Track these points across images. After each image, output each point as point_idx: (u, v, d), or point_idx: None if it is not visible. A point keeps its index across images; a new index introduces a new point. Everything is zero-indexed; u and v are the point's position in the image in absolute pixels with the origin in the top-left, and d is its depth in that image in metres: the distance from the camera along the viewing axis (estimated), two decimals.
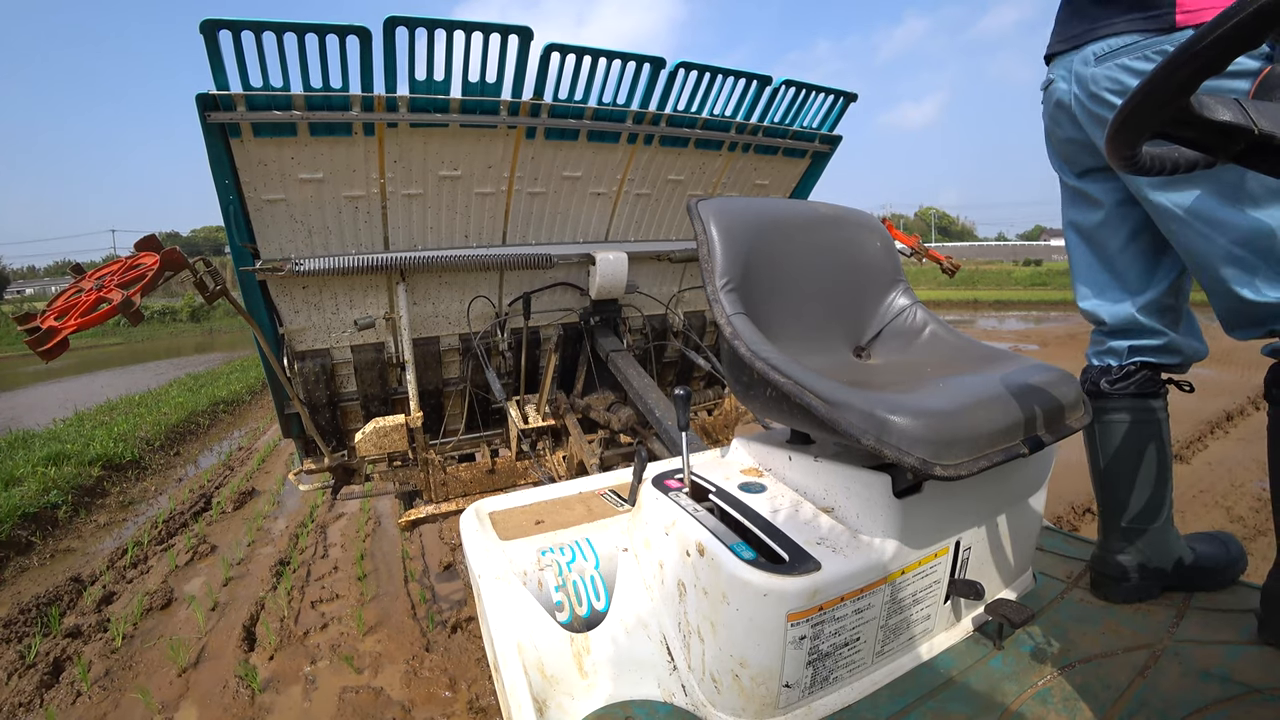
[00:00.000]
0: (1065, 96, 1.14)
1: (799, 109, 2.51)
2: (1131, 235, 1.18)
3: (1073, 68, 1.12)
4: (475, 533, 1.20)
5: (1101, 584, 1.24)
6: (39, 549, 4.08)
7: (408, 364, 2.29)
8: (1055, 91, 1.16)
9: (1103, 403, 1.23)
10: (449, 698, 2.33)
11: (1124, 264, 1.20)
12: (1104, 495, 1.27)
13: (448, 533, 3.78)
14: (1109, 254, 1.22)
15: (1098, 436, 1.26)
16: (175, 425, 7.13)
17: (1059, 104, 1.16)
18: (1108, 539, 1.26)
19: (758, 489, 1.09)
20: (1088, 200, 1.22)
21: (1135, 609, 1.18)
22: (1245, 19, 0.45)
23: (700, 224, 1.15)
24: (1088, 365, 1.30)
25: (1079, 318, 8.65)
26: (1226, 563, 1.24)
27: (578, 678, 1.00)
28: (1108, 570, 1.23)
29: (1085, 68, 1.09)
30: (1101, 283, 1.24)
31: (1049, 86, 1.19)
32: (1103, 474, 1.27)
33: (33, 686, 2.52)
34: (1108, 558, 1.24)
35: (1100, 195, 1.19)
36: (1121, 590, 1.21)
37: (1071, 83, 1.12)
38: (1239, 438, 4.65)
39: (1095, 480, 1.29)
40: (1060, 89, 1.15)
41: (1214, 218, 1.00)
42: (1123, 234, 1.19)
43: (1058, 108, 1.17)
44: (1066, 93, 1.14)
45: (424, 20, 1.72)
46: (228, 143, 1.77)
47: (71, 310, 1.27)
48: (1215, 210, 1.00)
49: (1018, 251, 49.12)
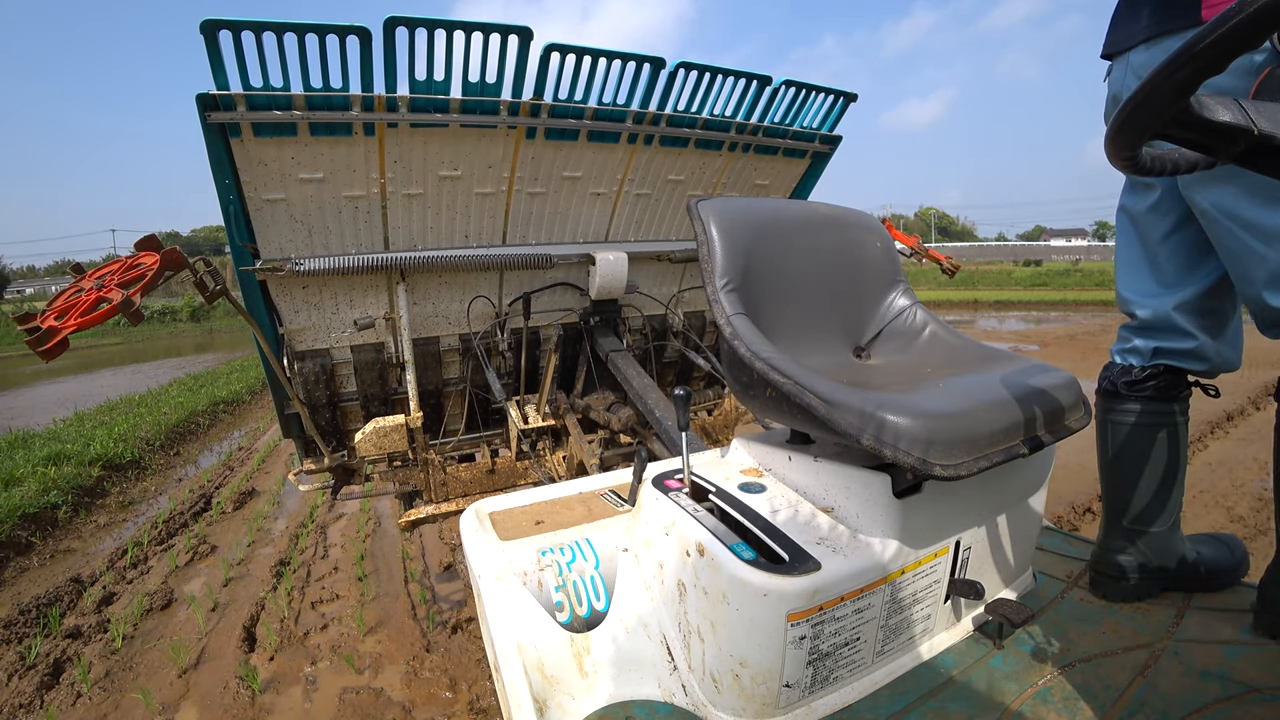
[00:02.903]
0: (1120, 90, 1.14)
1: (799, 109, 2.51)
2: (1175, 227, 1.15)
3: (1129, 64, 1.11)
4: (475, 533, 1.20)
5: (1100, 582, 1.24)
6: (39, 549, 4.08)
7: (408, 364, 2.29)
8: (1112, 84, 1.16)
9: (1116, 402, 1.22)
10: (449, 698, 2.33)
11: (1164, 255, 1.17)
12: (1109, 493, 1.27)
13: (448, 533, 3.78)
14: (1150, 243, 1.19)
15: (1108, 434, 1.24)
16: (175, 425, 7.13)
17: (1114, 99, 1.16)
18: (1109, 537, 1.25)
19: (758, 489, 1.09)
20: (1141, 185, 1.19)
21: (1135, 608, 1.18)
22: (1245, 19, 0.45)
23: (700, 224, 1.16)
24: (1110, 362, 1.28)
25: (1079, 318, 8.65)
26: (1231, 565, 1.23)
27: (578, 678, 1.00)
28: (1106, 569, 1.23)
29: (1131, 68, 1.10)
30: (1140, 272, 1.21)
31: (1107, 79, 1.19)
32: (1109, 472, 1.26)
33: (33, 687, 2.52)
34: (1107, 556, 1.23)
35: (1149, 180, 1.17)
36: (1119, 589, 1.21)
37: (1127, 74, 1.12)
38: (1239, 438, 4.65)
39: (1102, 477, 1.28)
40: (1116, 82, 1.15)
41: (1241, 215, 0.99)
42: (1166, 224, 1.16)
43: (1113, 102, 1.17)
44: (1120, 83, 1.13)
45: (424, 20, 1.72)
46: (228, 142, 1.77)
47: (71, 310, 1.27)
48: (1242, 207, 0.99)
49: (1018, 252, 49.11)
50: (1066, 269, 31.25)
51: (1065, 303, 19.52)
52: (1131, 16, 1.10)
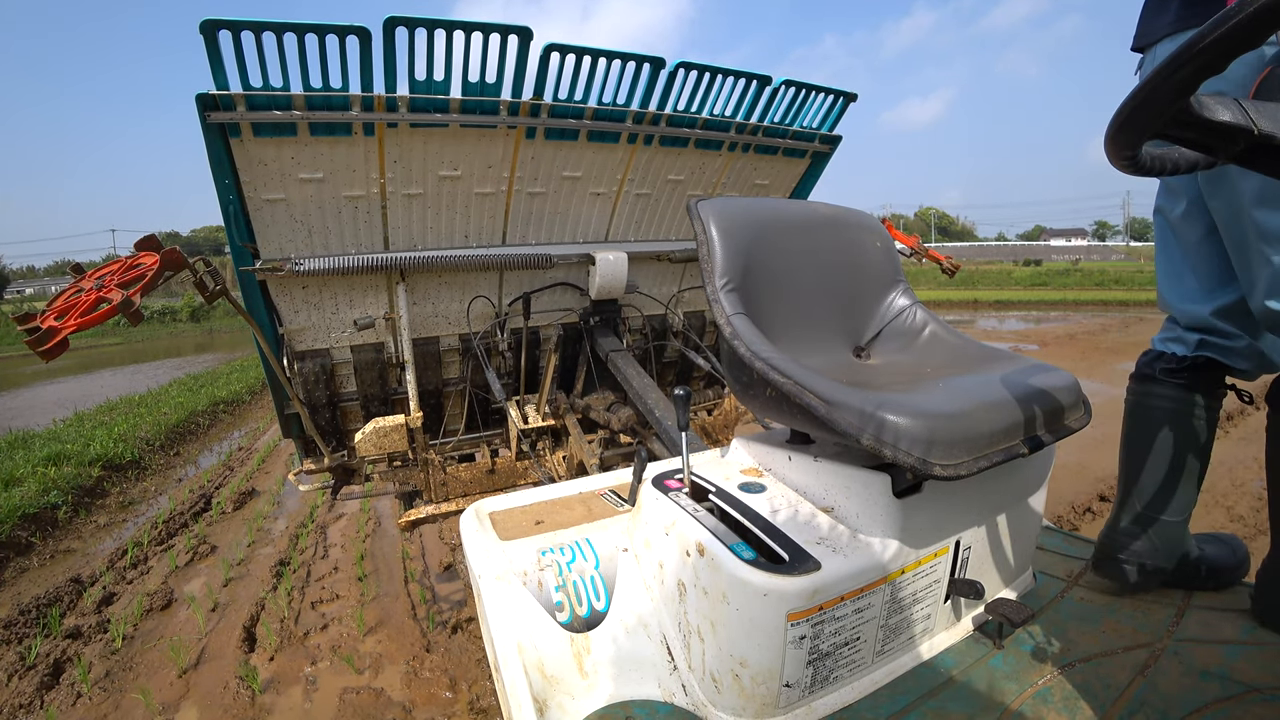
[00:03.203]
0: None
1: (799, 109, 2.51)
2: (1208, 231, 1.14)
3: (1156, 57, 1.11)
4: (475, 533, 1.20)
5: (1104, 565, 1.24)
6: (39, 549, 4.08)
7: (407, 364, 2.29)
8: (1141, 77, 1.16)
9: (1152, 385, 1.22)
10: (449, 698, 2.33)
11: (1200, 260, 1.17)
12: (1127, 477, 1.26)
13: (448, 533, 3.78)
14: (1187, 247, 1.19)
15: (1137, 418, 1.24)
16: (175, 425, 7.13)
17: None
18: (1119, 519, 1.25)
19: (758, 489, 1.09)
20: (1172, 189, 1.19)
21: (1135, 608, 1.18)
22: (1245, 19, 0.45)
23: (700, 224, 1.15)
24: (1149, 349, 1.28)
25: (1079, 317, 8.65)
26: (1232, 564, 1.23)
27: (578, 678, 1.00)
28: (1113, 551, 1.23)
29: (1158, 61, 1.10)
30: (1179, 276, 1.21)
31: (1138, 72, 1.18)
32: (1131, 455, 1.26)
33: (33, 688, 2.52)
34: (1115, 539, 1.23)
35: (1179, 186, 1.17)
36: (1123, 573, 1.21)
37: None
38: (1239, 437, 4.65)
39: (1122, 460, 1.28)
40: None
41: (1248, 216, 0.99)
42: (1200, 229, 1.16)
43: None
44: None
45: (424, 20, 1.72)
46: (228, 142, 1.77)
47: (71, 310, 1.27)
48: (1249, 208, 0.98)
49: (1018, 251, 49.15)
50: (1066, 269, 31.27)
51: (1065, 302, 19.52)
52: (1160, 9, 1.10)
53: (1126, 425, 1.27)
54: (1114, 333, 11.63)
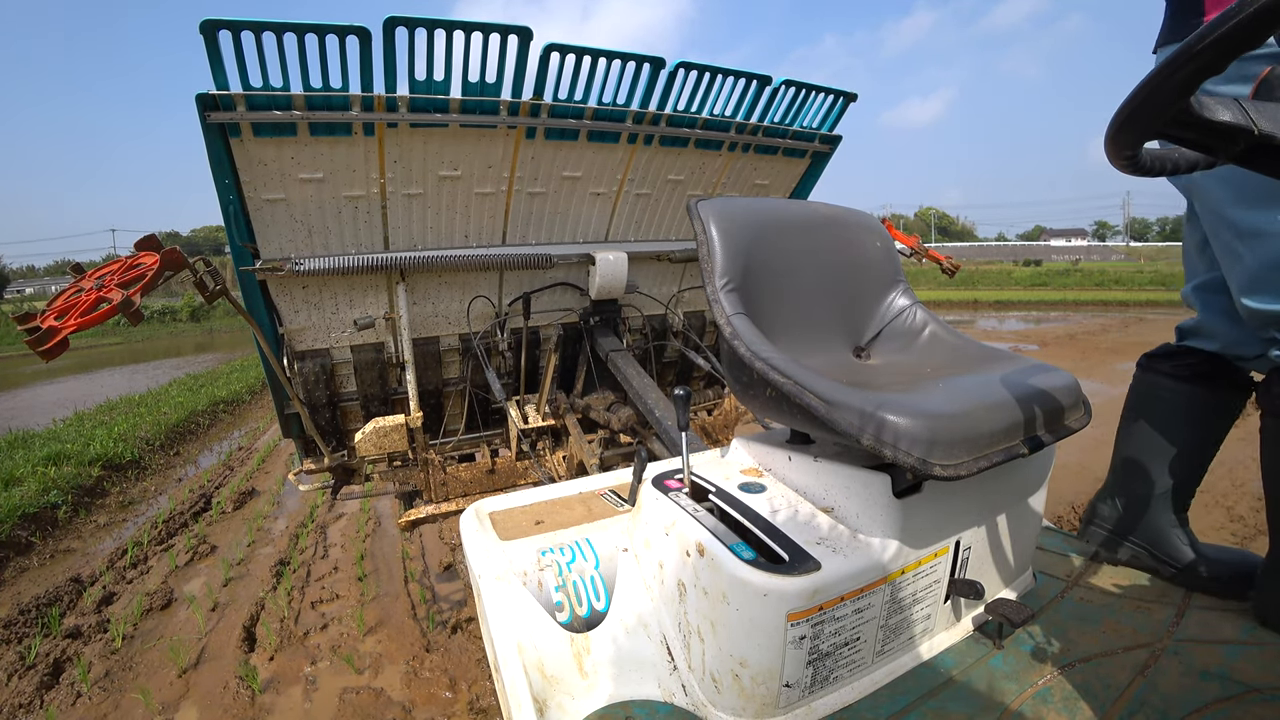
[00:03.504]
0: None
1: (799, 109, 2.51)
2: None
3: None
4: (475, 533, 1.20)
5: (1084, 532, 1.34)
6: (39, 549, 4.07)
7: (408, 364, 2.29)
8: None
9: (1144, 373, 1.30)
10: (449, 698, 2.33)
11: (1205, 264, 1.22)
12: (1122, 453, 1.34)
13: (448, 533, 3.78)
14: (1190, 249, 1.25)
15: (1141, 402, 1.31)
16: (175, 425, 7.13)
17: None
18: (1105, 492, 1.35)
19: (758, 489, 1.09)
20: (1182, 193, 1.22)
21: (1135, 608, 1.18)
22: (1245, 19, 0.45)
23: (700, 224, 1.15)
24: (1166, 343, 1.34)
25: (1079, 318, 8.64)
26: (1237, 575, 1.23)
27: (578, 678, 1.00)
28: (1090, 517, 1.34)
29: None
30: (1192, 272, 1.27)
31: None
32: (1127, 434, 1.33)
33: (33, 687, 2.52)
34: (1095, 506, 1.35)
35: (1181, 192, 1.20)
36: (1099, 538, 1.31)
37: None
38: (1239, 437, 4.61)
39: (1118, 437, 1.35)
40: None
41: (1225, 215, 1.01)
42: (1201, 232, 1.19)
43: None
44: None
45: (424, 20, 1.72)
46: (228, 142, 1.77)
47: (71, 310, 1.27)
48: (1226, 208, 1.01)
49: (1018, 251, 49.14)
50: (1066, 269, 31.27)
51: (1065, 303, 19.52)
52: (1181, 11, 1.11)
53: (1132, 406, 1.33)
54: (1114, 333, 11.63)
